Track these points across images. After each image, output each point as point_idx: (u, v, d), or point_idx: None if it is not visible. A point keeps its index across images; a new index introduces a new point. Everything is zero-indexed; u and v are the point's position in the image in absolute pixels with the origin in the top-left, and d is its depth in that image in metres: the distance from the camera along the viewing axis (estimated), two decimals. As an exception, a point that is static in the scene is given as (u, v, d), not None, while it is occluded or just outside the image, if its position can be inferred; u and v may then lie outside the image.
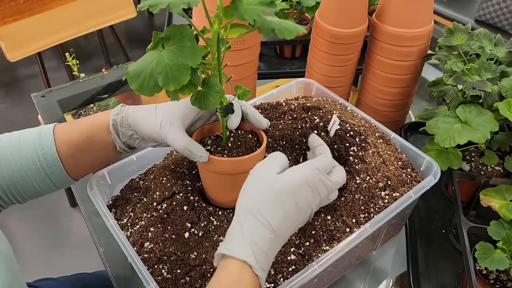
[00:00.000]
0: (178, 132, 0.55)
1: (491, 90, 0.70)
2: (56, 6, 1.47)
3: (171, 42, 0.45)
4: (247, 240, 0.45)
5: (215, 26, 0.48)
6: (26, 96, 2.43)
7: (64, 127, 0.60)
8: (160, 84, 0.43)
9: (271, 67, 1.12)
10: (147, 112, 0.58)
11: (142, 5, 0.45)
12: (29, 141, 0.58)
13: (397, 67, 0.83)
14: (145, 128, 0.57)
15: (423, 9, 0.77)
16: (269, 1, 0.46)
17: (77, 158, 0.59)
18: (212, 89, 0.50)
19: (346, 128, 0.68)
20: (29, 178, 0.58)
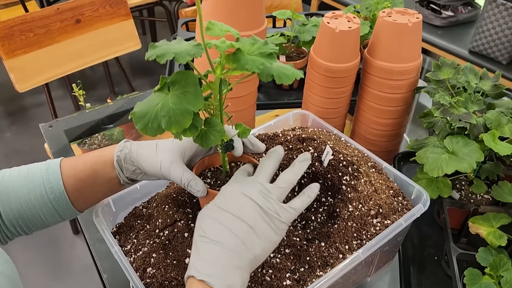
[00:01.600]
0: (179, 169, 0.59)
1: (476, 121, 0.74)
2: (64, 39, 1.53)
3: (176, 86, 0.49)
4: (203, 260, 0.49)
5: (217, 72, 0.53)
6: (31, 125, 2.48)
7: (70, 162, 0.64)
8: (163, 126, 0.47)
9: (270, 98, 1.17)
10: (149, 150, 0.61)
11: (149, 55, 0.49)
12: (37, 175, 0.61)
13: (389, 99, 0.87)
14: (147, 166, 0.61)
15: (411, 46, 0.82)
16: (268, 52, 0.51)
17: (82, 191, 0.63)
18: (214, 128, 0.54)
19: (339, 158, 0.72)
20: (37, 210, 0.61)
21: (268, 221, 0.53)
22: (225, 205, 0.53)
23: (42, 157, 2.27)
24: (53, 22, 1.48)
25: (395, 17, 0.82)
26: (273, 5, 1.66)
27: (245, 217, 0.52)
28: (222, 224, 0.51)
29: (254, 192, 0.54)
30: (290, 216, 0.55)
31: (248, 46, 0.53)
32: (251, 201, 0.53)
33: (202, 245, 0.51)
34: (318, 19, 1.17)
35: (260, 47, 0.52)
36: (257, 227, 0.52)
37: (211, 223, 0.52)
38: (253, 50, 0.52)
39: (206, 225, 0.52)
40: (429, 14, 2.25)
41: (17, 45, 1.42)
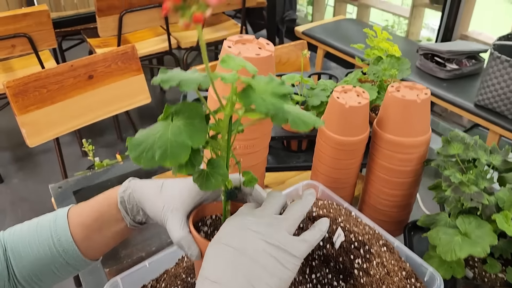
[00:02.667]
0: (177, 221, 0.54)
1: (488, 201, 0.74)
2: (77, 95, 1.56)
3: (180, 117, 0.45)
4: None
5: (227, 110, 0.48)
6: (39, 171, 2.49)
7: (77, 209, 0.62)
8: (156, 158, 0.42)
9: (279, 161, 1.18)
10: (153, 190, 0.58)
11: (156, 80, 0.46)
12: (45, 228, 0.60)
13: (398, 171, 0.87)
14: (148, 209, 0.58)
15: (420, 121, 0.83)
16: (282, 93, 0.46)
17: (91, 239, 0.60)
18: (216, 171, 0.49)
19: (351, 238, 0.71)
20: (49, 266, 0.59)
21: (276, 255, 0.47)
22: (227, 239, 0.48)
23: (48, 205, 2.26)
24: (66, 78, 1.51)
25: (404, 92, 0.83)
26: (281, 62, 1.70)
27: (249, 251, 0.47)
28: (223, 261, 0.47)
29: (260, 223, 0.49)
30: (302, 249, 0.50)
31: (262, 85, 0.48)
32: (256, 234, 0.48)
33: (202, 286, 0.46)
34: (326, 82, 1.19)
35: (275, 87, 0.47)
36: (263, 262, 0.46)
37: (211, 261, 0.48)
38: (266, 89, 0.47)
39: (206, 264, 0.48)
40: (434, 67, 2.28)
41: (30, 101, 1.45)
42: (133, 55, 1.64)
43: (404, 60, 1.15)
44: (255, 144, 0.87)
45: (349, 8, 3.81)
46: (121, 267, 1.10)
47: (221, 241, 0.48)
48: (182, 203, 0.56)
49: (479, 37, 2.69)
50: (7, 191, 2.35)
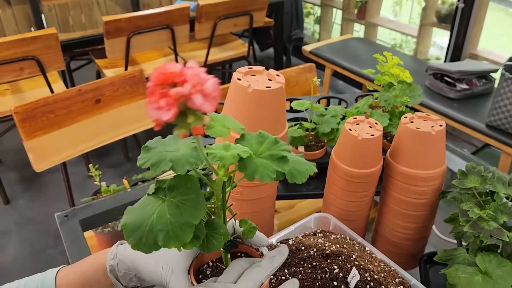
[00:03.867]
0: (181, 281, 0.52)
1: (508, 238, 0.71)
2: (84, 119, 1.55)
3: (175, 193, 0.43)
4: None
5: (220, 174, 0.47)
6: (45, 192, 2.49)
7: (66, 271, 0.60)
8: (159, 243, 0.41)
9: (289, 189, 1.15)
10: (145, 255, 0.54)
11: (142, 162, 0.44)
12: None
13: (413, 204, 0.85)
14: (145, 274, 0.56)
15: (435, 153, 0.81)
16: (280, 156, 0.45)
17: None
18: (217, 231, 0.48)
19: (366, 278, 0.69)
20: None
21: None
22: None
23: (53, 226, 2.26)
24: (74, 103, 1.51)
25: (418, 124, 0.81)
26: (289, 85, 1.69)
27: None
28: None
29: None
30: None
31: (255, 146, 0.47)
32: None
33: None
34: (336, 108, 1.17)
35: (270, 147, 0.47)
36: None
37: None
38: (262, 151, 0.46)
39: None
40: (444, 86, 2.26)
41: (38, 126, 1.44)
42: (141, 78, 1.64)
43: (415, 86, 1.13)
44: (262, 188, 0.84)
45: (356, 27, 3.81)
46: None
47: None
48: (181, 261, 0.54)
49: (489, 55, 2.67)
50: (13, 212, 2.34)
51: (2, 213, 2.34)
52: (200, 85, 0.34)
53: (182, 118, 0.36)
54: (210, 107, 0.35)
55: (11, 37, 1.93)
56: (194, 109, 0.36)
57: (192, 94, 0.34)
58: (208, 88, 0.35)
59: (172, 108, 0.34)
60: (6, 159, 2.75)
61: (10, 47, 1.93)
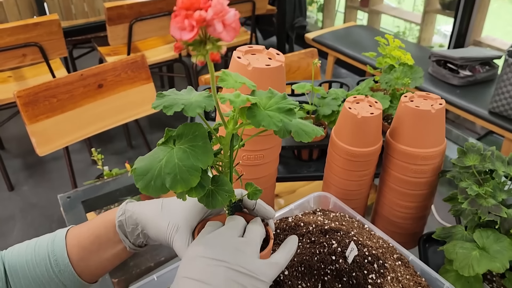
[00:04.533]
0: (184, 240, 0.53)
1: (506, 214, 0.71)
2: (86, 104, 1.56)
3: (183, 140, 0.45)
4: None
5: (229, 127, 0.48)
6: (48, 178, 2.50)
7: (75, 231, 0.61)
8: (167, 185, 0.42)
9: (289, 170, 1.16)
10: (153, 211, 0.57)
11: (156, 105, 0.45)
12: (43, 248, 0.59)
13: (412, 183, 0.85)
14: (151, 230, 0.56)
15: (435, 131, 0.81)
16: (288, 108, 0.46)
17: (87, 260, 0.59)
18: (222, 188, 0.48)
19: (364, 253, 0.69)
20: (45, 286, 0.57)
21: (243, 282, 0.46)
22: (189, 272, 0.46)
23: (57, 212, 2.27)
24: (76, 88, 1.51)
25: (418, 102, 0.81)
26: (291, 70, 1.69)
27: (214, 282, 0.45)
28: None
29: (225, 250, 0.47)
30: (271, 273, 0.48)
31: (265, 100, 0.48)
32: (220, 263, 0.46)
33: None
34: (337, 91, 1.17)
35: (278, 102, 0.48)
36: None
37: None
38: (271, 105, 0.47)
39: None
40: (447, 73, 2.25)
41: (41, 110, 1.45)
42: (143, 64, 1.64)
43: (417, 68, 1.13)
44: (265, 155, 0.85)
45: (359, 15, 3.79)
46: (129, 277, 1.09)
47: (186, 275, 0.46)
48: (187, 220, 0.55)
49: (493, 43, 2.65)
50: (17, 198, 2.36)
51: (6, 199, 2.36)
52: (222, 14, 0.37)
53: (201, 46, 0.38)
54: (229, 36, 0.37)
55: (13, 23, 1.94)
56: (213, 38, 0.38)
57: (214, 20, 0.36)
58: (229, 19, 0.37)
59: (194, 30, 0.36)
60: (10, 146, 2.77)
61: (13, 33, 1.94)
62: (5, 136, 2.83)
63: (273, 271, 0.49)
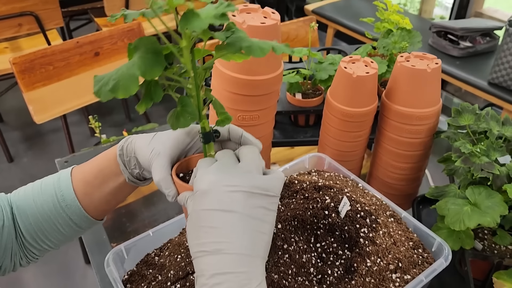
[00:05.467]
0: (160, 164, 0.54)
1: (499, 172, 0.72)
2: (83, 72, 1.55)
3: (137, 52, 0.45)
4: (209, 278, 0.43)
5: (184, 42, 0.46)
6: (48, 150, 2.51)
7: (80, 168, 0.63)
8: (108, 89, 0.42)
9: (286, 135, 1.16)
10: (145, 139, 0.58)
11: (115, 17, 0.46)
12: (49, 185, 0.61)
13: (407, 144, 0.85)
14: (140, 157, 0.57)
15: (430, 91, 0.81)
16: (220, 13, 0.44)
17: (92, 195, 0.61)
18: (185, 109, 0.49)
19: (357, 208, 0.70)
20: (53, 221, 0.60)
21: (261, 202, 0.46)
22: (207, 204, 0.46)
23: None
24: (72, 56, 1.50)
25: (414, 62, 0.81)
26: (289, 38, 1.67)
27: (237, 208, 0.45)
28: (214, 228, 0.45)
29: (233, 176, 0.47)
30: (279, 186, 0.49)
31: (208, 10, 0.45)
32: (234, 187, 0.46)
33: (202, 261, 0.44)
34: (335, 57, 1.16)
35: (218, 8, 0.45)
36: (253, 214, 0.45)
37: (201, 231, 0.45)
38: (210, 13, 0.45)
39: (196, 236, 0.46)
40: (447, 44, 2.23)
41: (37, 78, 1.44)
42: (139, 32, 1.62)
43: (415, 33, 1.12)
44: (260, 116, 0.85)
45: (360, -13, 3.72)
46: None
47: (204, 207, 0.46)
48: (167, 148, 0.55)
49: (495, 14, 2.62)
50: (17, 170, 2.37)
51: (6, 170, 2.37)
52: None
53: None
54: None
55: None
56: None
57: None
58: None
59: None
60: (8, 119, 2.76)
61: (8, 2, 1.91)
62: (4, 108, 2.82)
63: (279, 184, 0.49)
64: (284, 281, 0.61)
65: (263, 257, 0.47)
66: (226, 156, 0.51)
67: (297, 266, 0.64)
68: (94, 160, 0.63)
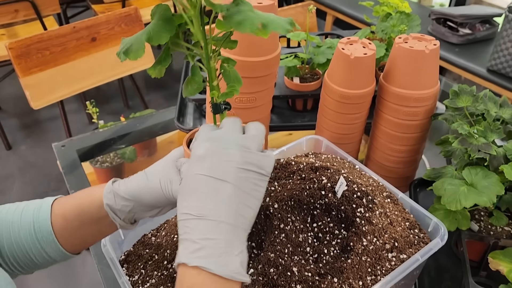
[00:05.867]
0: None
1: (496, 152, 0.72)
2: (80, 57, 1.54)
3: (154, 19, 0.47)
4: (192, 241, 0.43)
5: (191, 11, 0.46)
6: (46, 138, 2.51)
7: (63, 200, 0.61)
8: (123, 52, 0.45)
9: (283, 120, 1.16)
10: (140, 181, 0.57)
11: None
12: (29, 212, 0.59)
13: (405, 126, 0.85)
14: (147, 198, 0.56)
15: (428, 73, 0.80)
16: None
17: (70, 232, 0.59)
18: (193, 78, 0.50)
19: (354, 188, 0.70)
20: (26, 249, 0.58)
21: (252, 177, 0.46)
22: (201, 169, 0.46)
23: (55, 170, 2.29)
24: (69, 41, 1.49)
25: (412, 43, 0.80)
26: (287, 24, 1.66)
27: (227, 178, 0.45)
28: (203, 193, 0.45)
29: (230, 145, 0.47)
30: (271, 165, 0.49)
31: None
32: (229, 158, 0.46)
33: (186, 224, 0.44)
34: (333, 41, 1.16)
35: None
36: (243, 187, 0.46)
37: (190, 195, 0.45)
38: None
39: (185, 199, 0.46)
40: (446, 31, 2.22)
41: (33, 63, 1.43)
42: (136, 17, 1.61)
43: (414, 16, 1.11)
44: (257, 98, 0.85)
45: (359, -25, 3.69)
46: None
47: (197, 172, 0.46)
48: (175, 172, 0.55)
49: (494, 1, 2.60)
50: (15, 157, 2.37)
51: (4, 158, 2.37)
52: None
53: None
54: None
55: (4, -24, 1.89)
56: None
57: None
58: None
59: None
60: (6, 107, 2.76)
61: (4, -12, 1.90)
62: (1, 96, 2.81)
63: (272, 163, 0.49)
64: (281, 259, 0.61)
65: (246, 230, 0.47)
66: (231, 124, 0.50)
67: (294, 246, 0.64)
68: (77, 198, 0.60)
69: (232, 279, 0.43)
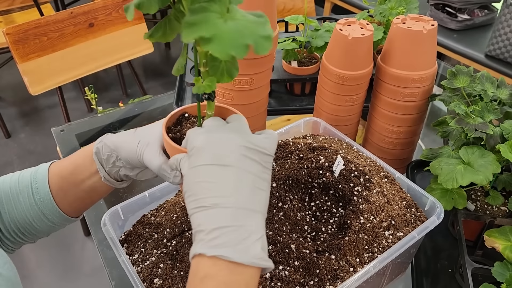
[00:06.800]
0: (154, 151, 0.53)
1: (493, 132, 0.72)
2: (77, 43, 1.54)
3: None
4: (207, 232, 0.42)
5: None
6: (45, 126, 2.50)
7: (58, 162, 0.62)
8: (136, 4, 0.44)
9: (281, 104, 1.16)
10: (127, 136, 0.57)
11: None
12: (26, 177, 0.60)
13: (402, 107, 0.85)
14: (123, 152, 0.57)
15: (426, 53, 0.80)
16: None
17: (66, 190, 0.60)
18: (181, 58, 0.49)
19: (351, 168, 0.71)
20: (25, 213, 0.59)
21: (259, 159, 0.46)
22: (203, 158, 0.45)
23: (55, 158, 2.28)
24: (66, 26, 1.49)
25: (410, 24, 0.80)
26: (285, 9, 1.65)
27: (229, 162, 0.44)
28: (211, 183, 0.44)
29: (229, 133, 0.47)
30: (273, 146, 0.48)
31: None
32: (229, 142, 0.45)
33: (199, 216, 0.43)
34: (331, 24, 1.15)
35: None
36: (253, 170, 0.45)
37: (198, 187, 0.44)
38: None
39: (193, 193, 0.44)
40: (445, 17, 2.21)
41: (31, 48, 1.43)
42: (134, 2, 1.60)
43: (412, -1, 1.11)
44: (255, 80, 0.85)
45: (358, -39, 3.66)
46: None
47: (199, 163, 0.45)
48: (156, 137, 0.55)
49: (493, -13, 2.58)
50: (14, 145, 2.37)
51: (3, 146, 2.37)
52: None
53: None
54: None
55: (0, -38, 1.88)
56: None
57: None
58: None
59: None
60: (5, 95, 2.75)
61: (0, -26, 1.88)
62: (0, 84, 2.81)
63: (273, 144, 0.48)
64: (279, 237, 0.62)
65: (263, 213, 0.45)
66: (215, 121, 0.50)
67: (292, 224, 0.65)
68: (72, 156, 0.61)
69: (253, 265, 0.42)
